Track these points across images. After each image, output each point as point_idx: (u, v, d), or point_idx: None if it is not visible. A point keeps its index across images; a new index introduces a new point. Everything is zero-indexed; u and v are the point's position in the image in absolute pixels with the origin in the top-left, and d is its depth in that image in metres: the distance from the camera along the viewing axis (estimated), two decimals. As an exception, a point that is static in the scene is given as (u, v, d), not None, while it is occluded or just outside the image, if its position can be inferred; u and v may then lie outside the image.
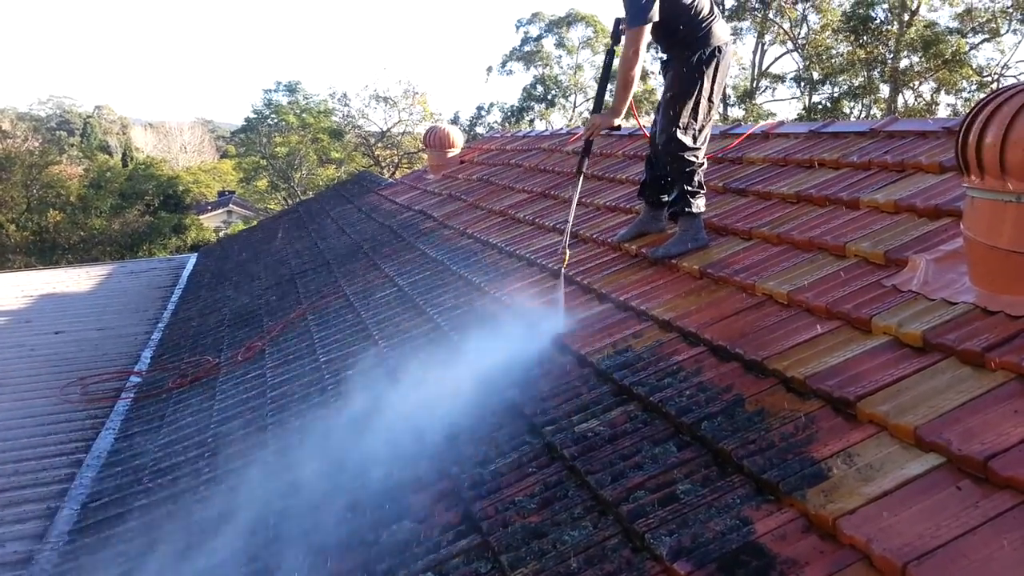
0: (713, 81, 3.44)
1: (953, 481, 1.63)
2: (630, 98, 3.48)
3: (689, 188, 3.49)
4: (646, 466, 2.13)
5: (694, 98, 3.43)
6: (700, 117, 3.47)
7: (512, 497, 2.25)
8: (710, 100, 3.47)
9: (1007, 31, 21.57)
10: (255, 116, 31.52)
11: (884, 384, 2.01)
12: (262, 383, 4.46)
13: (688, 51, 3.41)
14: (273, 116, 31.12)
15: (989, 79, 21.95)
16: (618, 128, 3.63)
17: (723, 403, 2.27)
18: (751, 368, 2.40)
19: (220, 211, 37.35)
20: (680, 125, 3.46)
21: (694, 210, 3.51)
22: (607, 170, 5.37)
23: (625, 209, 4.45)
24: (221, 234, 28.14)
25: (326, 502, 2.71)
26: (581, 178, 3.68)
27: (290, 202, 28.79)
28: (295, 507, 2.81)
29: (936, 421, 1.79)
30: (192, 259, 11.81)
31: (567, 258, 3.63)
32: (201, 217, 31.45)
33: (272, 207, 31.74)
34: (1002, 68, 22.45)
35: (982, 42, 22.09)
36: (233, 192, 38.76)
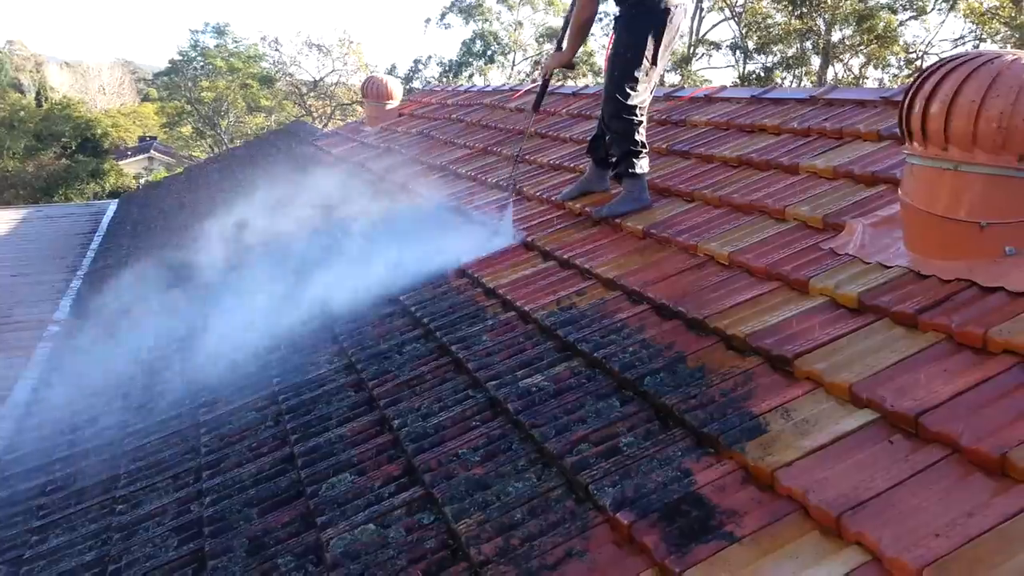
0: (658, 42, 3.42)
1: (886, 435, 1.70)
2: (582, 43, 3.68)
3: (631, 148, 3.50)
4: (590, 420, 2.15)
5: (638, 58, 3.42)
6: (642, 77, 3.45)
7: (456, 450, 2.25)
8: (654, 61, 3.45)
9: (932, 9, 22.22)
10: (180, 58, 30.15)
11: (821, 343, 2.08)
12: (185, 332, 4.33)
13: (635, 9, 3.39)
14: (200, 59, 29.82)
15: (914, 56, 22.64)
16: (572, 68, 3.87)
17: (665, 359, 2.30)
18: (693, 326, 2.45)
19: (141, 157, 35.66)
20: (622, 84, 3.45)
21: (637, 171, 3.52)
22: (551, 128, 5.34)
23: (569, 168, 4.44)
24: (142, 181, 27.01)
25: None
26: (535, 114, 4.11)
27: (216, 150, 27.81)
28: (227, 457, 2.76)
29: (870, 379, 1.86)
30: (112, 205, 11.34)
31: (514, 187, 4.12)
32: (121, 163, 30.04)
33: (197, 155, 30.62)
34: (926, 46, 23.18)
35: (909, 19, 22.71)
36: (155, 138, 37.08)
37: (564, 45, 3.75)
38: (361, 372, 3.03)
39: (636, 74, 3.43)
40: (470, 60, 28.77)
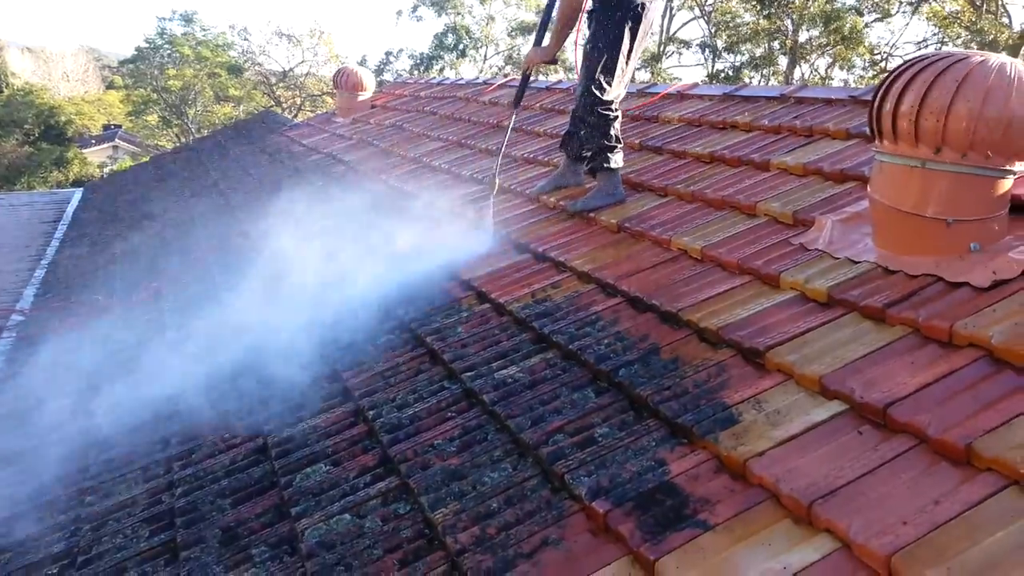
0: (634, 38, 3.46)
1: (855, 426, 1.74)
2: (567, 37, 3.61)
3: (606, 142, 3.53)
4: (565, 411, 2.17)
5: (613, 53, 3.45)
6: (617, 73, 3.49)
7: (431, 440, 2.25)
8: (629, 57, 3.49)
9: (896, 12, 22.60)
10: (147, 46, 29.59)
11: (791, 336, 2.12)
12: (159, 324, 4.28)
13: (611, 4, 3.42)
14: (167, 47, 29.31)
15: (879, 57, 23.02)
16: (554, 63, 3.78)
17: (639, 351, 2.33)
18: (666, 319, 2.48)
19: (105, 146, 34.93)
20: (597, 79, 3.48)
21: (612, 165, 3.55)
22: (525, 122, 5.34)
23: (543, 162, 4.46)
24: (107, 170, 26.51)
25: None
26: (516, 110, 3.95)
27: (183, 139, 27.39)
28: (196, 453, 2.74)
29: (840, 371, 1.90)
30: (77, 194, 11.11)
31: (497, 185, 3.92)
32: (85, 151, 29.43)
33: (163, 144, 30.12)
34: (891, 48, 23.58)
35: (874, 21, 23.06)
36: (120, 126, 36.34)
37: (545, 40, 3.69)
38: (335, 362, 3.01)
39: (612, 69, 3.46)
40: (442, 54, 28.63)
